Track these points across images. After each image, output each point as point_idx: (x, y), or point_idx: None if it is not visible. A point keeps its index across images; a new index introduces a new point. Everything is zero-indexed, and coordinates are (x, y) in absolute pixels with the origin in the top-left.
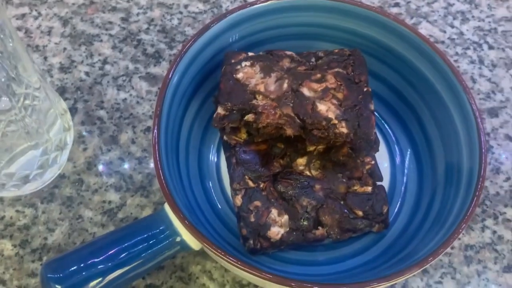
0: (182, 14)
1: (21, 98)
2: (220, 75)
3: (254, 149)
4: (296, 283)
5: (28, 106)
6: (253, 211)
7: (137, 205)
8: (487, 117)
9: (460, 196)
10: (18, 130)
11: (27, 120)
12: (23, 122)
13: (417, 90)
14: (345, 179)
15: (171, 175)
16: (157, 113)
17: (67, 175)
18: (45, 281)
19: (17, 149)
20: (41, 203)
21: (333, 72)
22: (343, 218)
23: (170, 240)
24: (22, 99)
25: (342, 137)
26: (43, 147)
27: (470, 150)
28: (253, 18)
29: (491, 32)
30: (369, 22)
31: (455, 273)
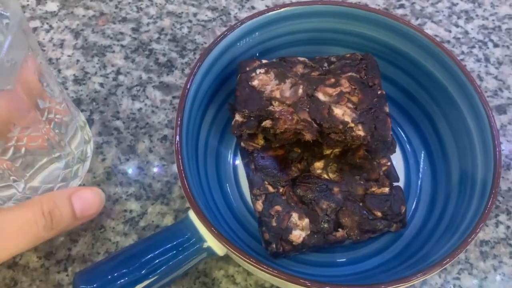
0: (192, 22)
1: (45, 112)
2: (235, 82)
3: (272, 154)
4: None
5: (52, 120)
6: (274, 216)
7: (158, 213)
8: (495, 114)
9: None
10: (40, 140)
11: (51, 133)
12: (47, 135)
13: (428, 91)
14: (363, 181)
15: (194, 182)
16: (178, 124)
17: (87, 186)
18: None
19: (40, 163)
20: None
21: (347, 76)
22: (363, 219)
23: (197, 247)
24: (46, 113)
25: (359, 140)
26: (65, 159)
27: (484, 149)
28: (265, 25)
29: (496, 30)
30: (378, 26)
31: (471, 268)
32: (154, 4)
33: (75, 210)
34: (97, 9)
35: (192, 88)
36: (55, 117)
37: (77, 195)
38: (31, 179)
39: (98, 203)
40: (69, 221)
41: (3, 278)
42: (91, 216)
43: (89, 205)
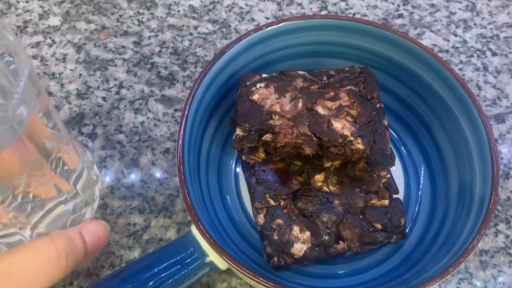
0: (193, 35)
1: (52, 153)
2: (235, 96)
3: (273, 167)
4: None
5: (59, 161)
6: (276, 229)
7: (161, 226)
8: (494, 123)
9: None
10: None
11: (58, 176)
12: (55, 179)
13: (426, 102)
14: (363, 193)
15: (196, 196)
16: (180, 139)
17: None
18: None
19: (48, 207)
20: None
21: (346, 89)
22: (363, 231)
23: (199, 262)
24: (54, 154)
25: (358, 153)
26: (73, 202)
27: (482, 159)
28: (265, 40)
29: (494, 38)
30: (376, 38)
31: (471, 278)
32: (155, 18)
33: (86, 245)
34: (99, 23)
35: (194, 103)
36: (63, 157)
37: (86, 230)
38: (38, 224)
39: (106, 235)
40: (82, 257)
41: None
42: (99, 250)
43: (98, 238)
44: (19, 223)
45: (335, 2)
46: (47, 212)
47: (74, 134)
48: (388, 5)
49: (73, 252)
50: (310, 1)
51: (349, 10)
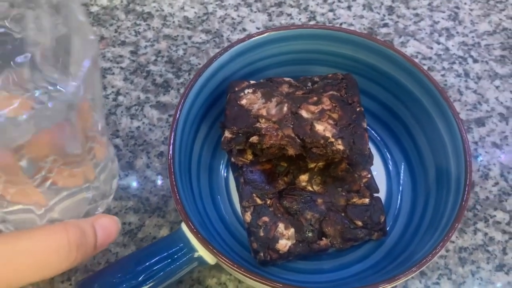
0: (187, 44)
1: (88, 142)
2: (225, 102)
3: (260, 168)
4: None
5: (91, 150)
6: (262, 226)
7: (155, 225)
8: (474, 126)
9: (450, 200)
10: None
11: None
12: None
13: (406, 106)
14: (344, 192)
15: (186, 195)
16: (171, 142)
17: None
18: None
19: (68, 191)
20: None
21: (328, 95)
22: (345, 228)
23: (189, 257)
24: (90, 142)
25: (339, 153)
26: (94, 193)
27: (457, 159)
28: (253, 48)
29: (475, 46)
30: (358, 47)
31: (451, 274)
32: (151, 28)
33: (96, 239)
34: (98, 33)
35: (185, 107)
36: (95, 146)
37: (99, 223)
38: (54, 207)
39: (117, 232)
40: (91, 252)
41: None
42: (107, 245)
43: (109, 234)
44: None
45: (323, 13)
46: (66, 197)
47: None
48: (374, 15)
49: (84, 246)
50: (299, 11)
51: (337, 20)
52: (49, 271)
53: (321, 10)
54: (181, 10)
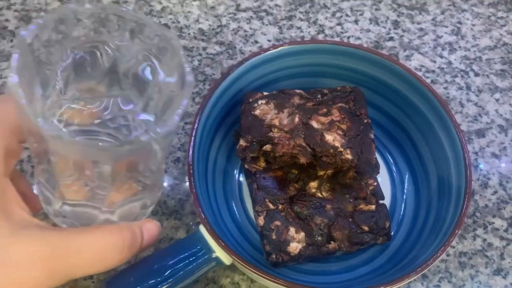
0: (202, 55)
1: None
2: (239, 112)
3: (272, 175)
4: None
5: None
6: (274, 230)
7: (172, 227)
8: (475, 137)
9: (451, 208)
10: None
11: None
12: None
13: (410, 117)
14: (352, 199)
15: (203, 199)
16: (190, 149)
17: None
18: None
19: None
20: None
21: (337, 106)
22: (352, 233)
23: (207, 257)
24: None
25: (347, 162)
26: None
27: (458, 169)
28: (267, 62)
29: (476, 60)
30: (366, 61)
31: (451, 277)
32: None
33: (143, 240)
34: None
35: (203, 117)
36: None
37: (146, 227)
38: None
39: (158, 234)
40: (138, 251)
41: None
42: (152, 246)
43: (153, 236)
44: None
45: (331, 26)
46: (128, 202)
47: None
48: (380, 29)
49: (133, 246)
50: (309, 25)
51: (344, 33)
52: (105, 265)
53: (329, 23)
54: (196, 22)
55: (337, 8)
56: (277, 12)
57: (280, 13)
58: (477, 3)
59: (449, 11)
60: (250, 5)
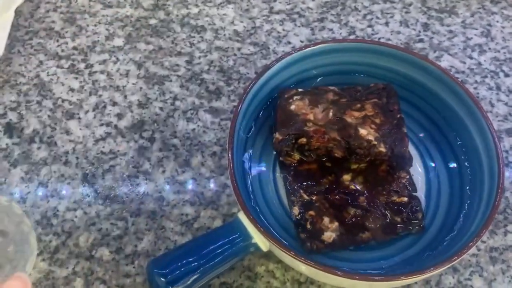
0: (236, 56)
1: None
2: (275, 107)
3: (306, 168)
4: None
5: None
6: (309, 219)
7: (209, 217)
8: (505, 136)
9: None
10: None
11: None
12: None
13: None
14: (385, 191)
15: (242, 188)
16: (230, 142)
17: (150, 193)
18: (152, 274)
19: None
20: (131, 217)
21: (371, 102)
22: (385, 224)
23: (246, 243)
24: None
25: (381, 155)
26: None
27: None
28: (302, 59)
29: (506, 61)
30: (399, 60)
31: (482, 271)
32: (205, 40)
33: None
34: (156, 44)
35: (240, 113)
36: None
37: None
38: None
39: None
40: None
41: (81, 268)
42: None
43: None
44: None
45: (362, 28)
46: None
47: (136, 138)
48: (410, 31)
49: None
50: (340, 27)
51: (375, 35)
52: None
53: (360, 25)
54: (231, 24)
55: (368, 10)
56: (309, 14)
57: (312, 15)
58: (507, 6)
59: (479, 14)
60: (283, 8)
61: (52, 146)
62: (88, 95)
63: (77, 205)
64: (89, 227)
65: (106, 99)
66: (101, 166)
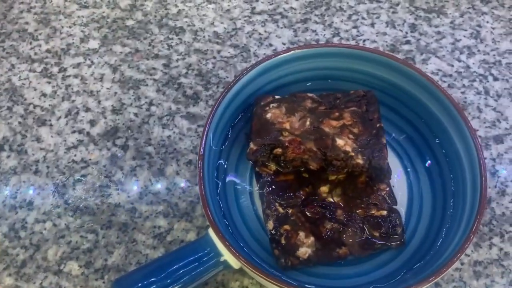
0: (216, 59)
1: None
2: (251, 115)
3: (283, 179)
4: None
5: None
6: (284, 234)
7: (182, 229)
8: (492, 143)
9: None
10: None
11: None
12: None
13: (426, 122)
14: (363, 204)
15: (213, 202)
16: (201, 152)
17: (122, 204)
18: None
19: None
20: (101, 229)
21: (350, 110)
22: (363, 238)
23: (215, 261)
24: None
25: (358, 167)
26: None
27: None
28: (279, 65)
29: (496, 64)
30: (379, 64)
31: (465, 286)
32: (183, 42)
33: None
34: (133, 46)
35: (214, 119)
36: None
37: None
38: None
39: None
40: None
41: (49, 283)
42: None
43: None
44: None
45: (347, 29)
46: None
47: (109, 145)
48: (396, 32)
49: None
50: (324, 28)
51: (360, 37)
52: None
53: (345, 27)
54: (211, 25)
55: (353, 11)
56: (292, 15)
57: (295, 16)
58: (498, 5)
59: (468, 14)
60: (265, 8)
61: (22, 154)
62: (60, 100)
63: (46, 216)
64: (58, 239)
65: (79, 104)
66: (72, 176)
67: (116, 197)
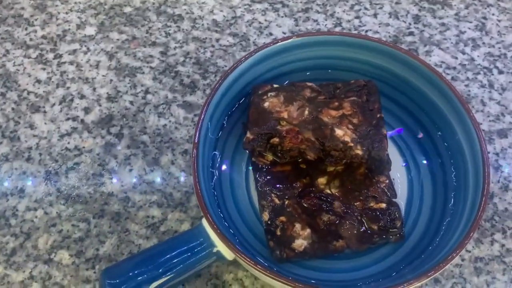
0: (214, 47)
1: None
2: (248, 104)
3: (280, 169)
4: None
5: None
6: (279, 226)
7: (176, 220)
8: (496, 137)
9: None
10: None
11: None
12: None
13: (428, 114)
14: (362, 196)
15: (208, 192)
16: (195, 141)
17: (115, 193)
18: (104, 285)
19: None
20: (93, 218)
21: (350, 100)
22: (361, 232)
23: (208, 251)
24: None
25: (357, 158)
26: None
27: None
28: (278, 53)
29: (501, 57)
30: (382, 54)
31: (465, 283)
32: (181, 30)
33: None
34: (130, 33)
35: (210, 108)
36: None
37: None
38: None
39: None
40: None
41: (39, 272)
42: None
43: None
44: None
45: (349, 20)
46: None
47: (103, 133)
48: (400, 23)
49: None
50: (325, 18)
51: (362, 27)
52: None
53: (347, 17)
54: (210, 13)
55: (356, 1)
56: (293, 4)
57: (296, 5)
58: None
59: (474, 6)
60: None
61: (14, 141)
62: (55, 87)
63: (37, 204)
64: (49, 228)
65: (74, 91)
66: (65, 163)
67: (110, 186)
